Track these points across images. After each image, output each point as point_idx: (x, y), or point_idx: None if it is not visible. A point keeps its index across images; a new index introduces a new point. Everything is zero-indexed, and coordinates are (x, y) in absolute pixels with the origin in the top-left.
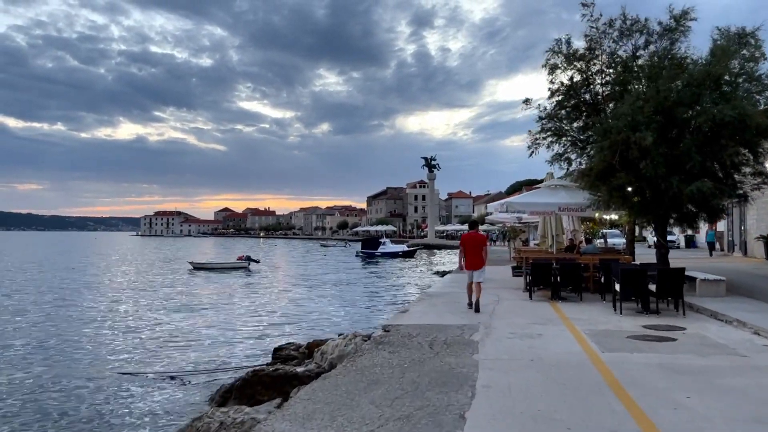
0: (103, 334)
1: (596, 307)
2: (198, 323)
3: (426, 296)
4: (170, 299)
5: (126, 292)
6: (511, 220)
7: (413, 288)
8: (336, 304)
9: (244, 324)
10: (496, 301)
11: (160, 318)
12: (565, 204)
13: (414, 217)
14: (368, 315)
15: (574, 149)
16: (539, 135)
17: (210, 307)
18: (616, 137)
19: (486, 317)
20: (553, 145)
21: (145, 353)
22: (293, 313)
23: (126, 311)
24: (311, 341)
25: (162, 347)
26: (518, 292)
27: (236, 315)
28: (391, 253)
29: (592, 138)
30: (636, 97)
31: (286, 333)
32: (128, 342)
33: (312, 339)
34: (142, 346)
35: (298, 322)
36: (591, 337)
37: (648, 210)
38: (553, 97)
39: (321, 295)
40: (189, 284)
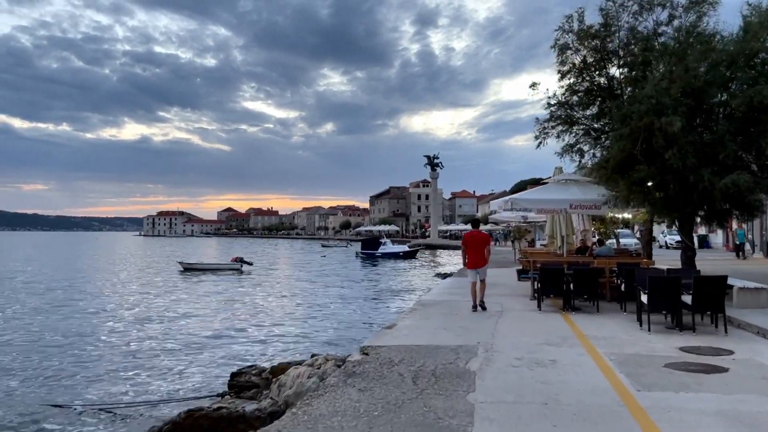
0: (53, 351)
1: (617, 320)
2: (162, 335)
3: (420, 306)
4: (145, 305)
5: (100, 296)
6: (515, 219)
7: (411, 293)
8: (324, 312)
9: (215, 337)
10: (500, 311)
11: (122, 329)
12: (577, 201)
13: (417, 216)
14: (356, 326)
15: (587, 139)
16: (548, 123)
17: (183, 315)
18: (638, 123)
19: (487, 334)
20: (564, 135)
21: (89, 377)
22: (274, 322)
23: (88, 321)
24: (277, 365)
25: (112, 367)
26: (524, 300)
27: (209, 325)
28: (391, 253)
29: (609, 125)
30: (661, 77)
31: (256, 351)
32: (77, 361)
33: (284, 359)
34: (88, 368)
35: (275, 335)
36: (619, 365)
37: (673, 207)
38: (564, 80)
39: (310, 301)
40: (172, 288)
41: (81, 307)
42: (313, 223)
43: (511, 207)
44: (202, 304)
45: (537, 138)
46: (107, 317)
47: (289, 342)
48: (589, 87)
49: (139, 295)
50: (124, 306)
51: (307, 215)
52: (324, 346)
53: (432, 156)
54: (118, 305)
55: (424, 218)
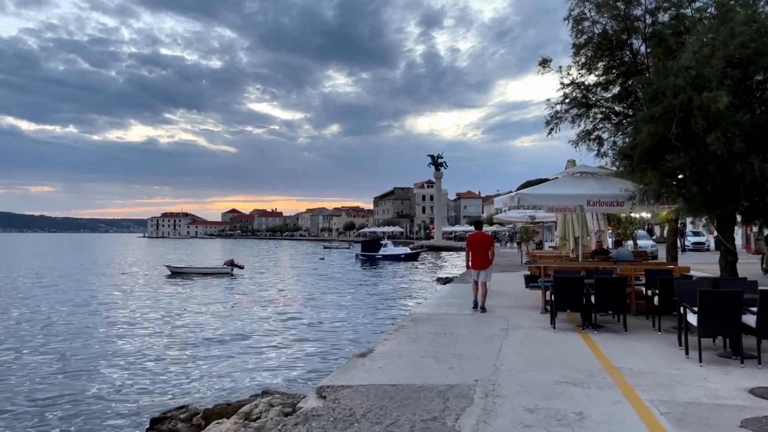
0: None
1: (651, 342)
2: (104, 356)
3: (409, 321)
4: (111, 316)
5: (61, 303)
6: (522, 219)
7: (408, 299)
8: (306, 324)
9: (157, 359)
10: (505, 329)
11: (67, 349)
12: (596, 196)
13: (422, 217)
14: (337, 342)
15: (607, 125)
16: (561, 106)
17: (143, 330)
18: (672, 101)
19: (488, 365)
20: (579, 120)
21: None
22: (244, 336)
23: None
24: (212, 407)
25: (27, 398)
26: (534, 314)
27: (160, 341)
28: (392, 255)
29: (635, 106)
30: (702, 44)
31: (204, 380)
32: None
33: (231, 393)
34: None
35: (238, 354)
36: (677, 423)
37: (714, 202)
38: (579, 56)
39: (294, 311)
40: (149, 294)
41: (25, 315)
42: (317, 224)
43: (518, 204)
44: (167, 313)
45: (548, 124)
46: (69, 331)
47: (251, 366)
48: (609, 63)
49: (126, 300)
50: (102, 311)
51: (311, 216)
52: (290, 371)
53: (436, 155)
54: (89, 314)
55: (429, 219)
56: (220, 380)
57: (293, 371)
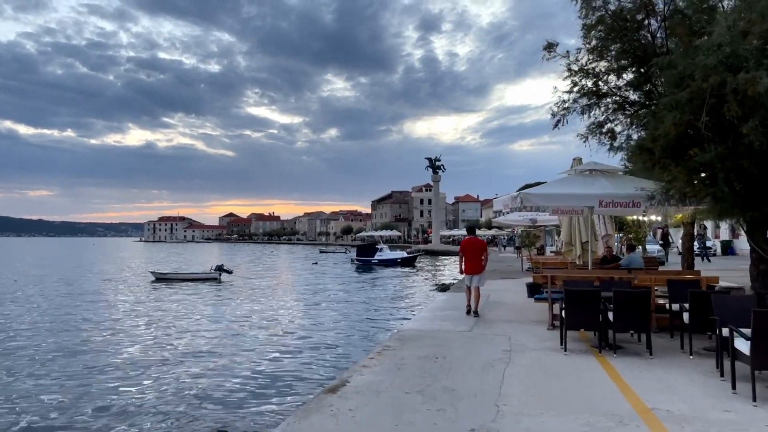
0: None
1: (684, 370)
2: (38, 385)
3: (396, 341)
4: (67, 332)
5: (22, 311)
6: (522, 222)
7: (401, 309)
8: (279, 343)
9: (115, 383)
10: (507, 352)
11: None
12: (609, 196)
13: (420, 221)
14: (310, 367)
15: (621, 116)
16: (569, 96)
17: (96, 348)
18: (702, 84)
19: (487, 407)
20: (590, 111)
21: None
22: (207, 360)
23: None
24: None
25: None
26: (540, 330)
27: (122, 361)
28: (388, 260)
29: (655, 93)
30: (736, 17)
31: (147, 420)
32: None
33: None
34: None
35: (199, 380)
36: None
37: (748, 203)
38: (589, 38)
39: (272, 326)
40: (125, 302)
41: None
42: (314, 228)
43: (521, 205)
44: (135, 326)
45: (554, 116)
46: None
47: (214, 393)
48: (624, 47)
49: (98, 312)
50: (67, 327)
51: (309, 220)
52: (257, 401)
53: (434, 158)
54: (51, 332)
55: (427, 223)
56: (172, 412)
57: (259, 402)
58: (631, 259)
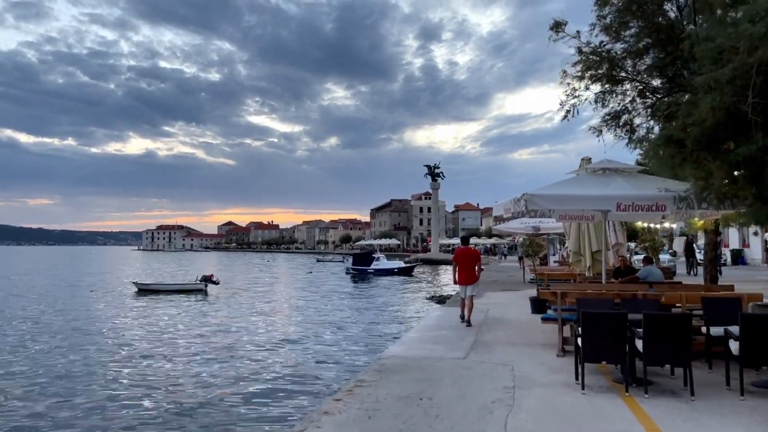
0: None
1: (737, 418)
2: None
3: (373, 374)
4: (24, 353)
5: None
6: (524, 230)
7: (392, 325)
8: (246, 371)
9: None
10: (510, 391)
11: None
12: (629, 199)
13: (419, 230)
14: (270, 406)
15: (640, 105)
16: (580, 83)
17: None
18: (747, 59)
19: None
20: (604, 100)
21: None
22: (154, 401)
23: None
24: None
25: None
26: (549, 357)
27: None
28: (385, 270)
29: (682, 77)
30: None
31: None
32: None
33: None
34: None
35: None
36: None
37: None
38: (603, 10)
39: (244, 349)
40: (101, 320)
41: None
42: (313, 237)
43: (525, 209)
44: (101, 347)
45: (563, 106)
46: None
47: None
48: (644, 25)
49: (62, 332)
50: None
51: (307, 229)
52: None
53: (432, 166)
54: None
55: (426, 232)
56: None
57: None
58: (649, 271)
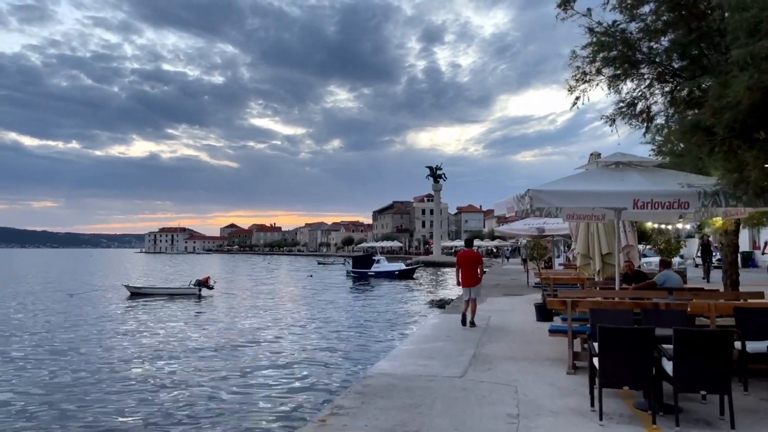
0: None
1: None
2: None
3: (353, 398)
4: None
5: None
6: (527, 231)
7: (389, 331)
8: (219, 391)
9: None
10: (514, 420)
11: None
12: (647, 195)
13: (422, 232)
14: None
15: (659, 90)
16: (591, 66)
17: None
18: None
19: None
20: (618, 84)
21: None
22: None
23: None
24: None
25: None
26: (558, 374)
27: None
28: (385, 272)
29: (707, 57)
30: None
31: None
32: None
33: None
34: None
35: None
36: None
37: None
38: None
39: (223, 364)
40: (84, 326)
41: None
42: (315, 239)
43: (530, 207)
44: (73, 357)
45: (571, 91)
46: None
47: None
48: (662, 0)
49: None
50: None
51: (310, 231)
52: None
53: (435, 167)
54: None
55: (429, 234)
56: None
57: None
58: (667, 276)
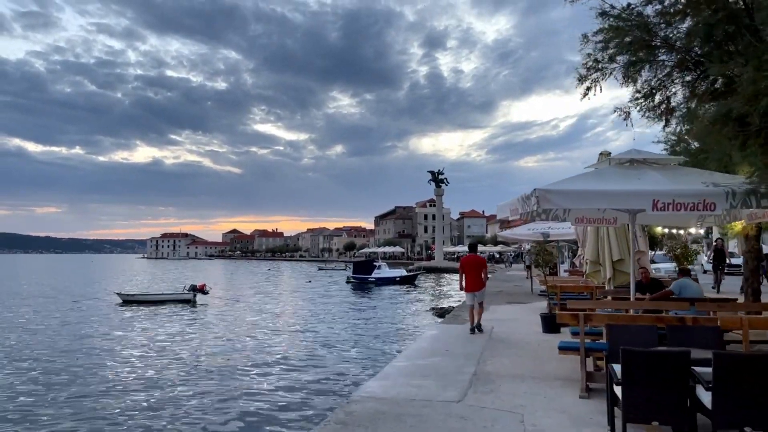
0: None
1: None
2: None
3: (339, 429)
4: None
5: None
6: (532, 236)
7: (385, 343)
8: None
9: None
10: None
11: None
12: (668, 195)
13: (424, 237)
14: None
15: (677, 80)
16: (603, 52)
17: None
18: None
19: None
20: (634, 72)
21: None
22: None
23: None
24: None
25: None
26: (570, 397)
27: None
28: (386, 278)
29: (737, 38)
30: None
31: None
32: None
33: None
34: None
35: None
36: None
37: None
38: None
39: (200, 381)
40: (71, 338)
41: None
42: (317, 244)
43: (537, 208)
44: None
45: (581, 80)
46: None
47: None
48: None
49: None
50: None
51: (311, 236)
52: None
53: (436, 171)
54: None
55: (431, 239)
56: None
57: None
58: (684, 285)
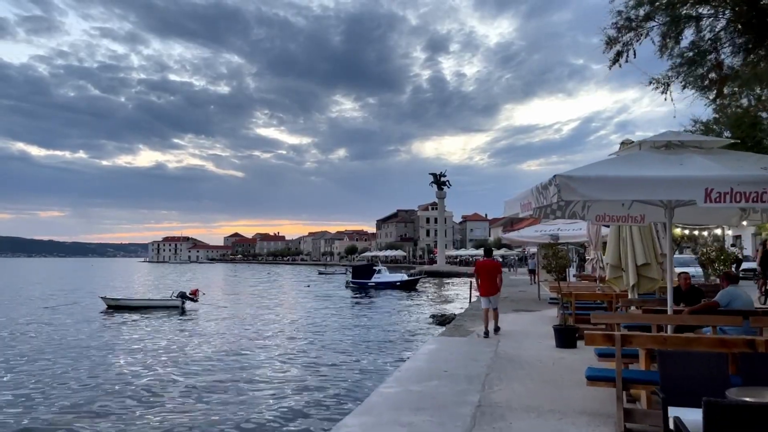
0: None
1: None
2: None
3: None
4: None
5: None
6: (539, 238)
7: (379, 355)
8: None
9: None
10: None
11: None
12: (725, 182)
13: (426, 241)
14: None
15: (730, 42)
16: (636, 11)
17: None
18: None
19: None
20: (675, 34)
21: None
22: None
23: None
24: None
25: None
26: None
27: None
28: (386, 283)
29: None
30: None
31: None
32: None
33: None
34: None
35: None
36: None
37: None
38: None
39: (172, 403)
40: (49, 345)
41: None
42: (318, 248)
43: (557, 198)
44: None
45: (610, 44)
46: None
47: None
48: None
49: None
50: None
51: (313, 240)
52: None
53: (438, 174)
54: None
55: (433, 243)
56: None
57: None
58: (733, 295)
